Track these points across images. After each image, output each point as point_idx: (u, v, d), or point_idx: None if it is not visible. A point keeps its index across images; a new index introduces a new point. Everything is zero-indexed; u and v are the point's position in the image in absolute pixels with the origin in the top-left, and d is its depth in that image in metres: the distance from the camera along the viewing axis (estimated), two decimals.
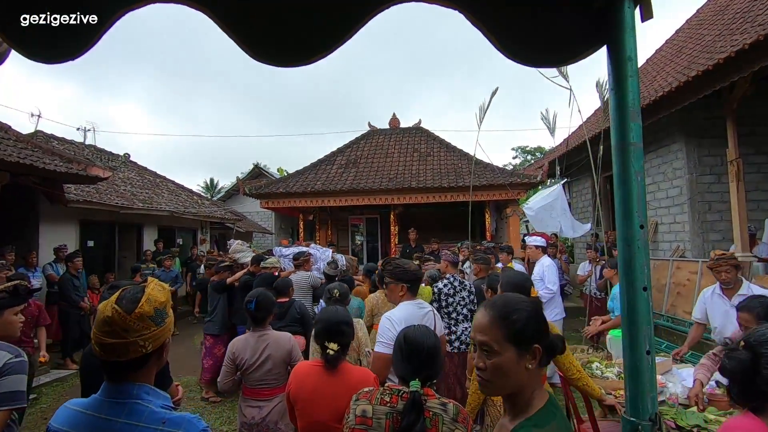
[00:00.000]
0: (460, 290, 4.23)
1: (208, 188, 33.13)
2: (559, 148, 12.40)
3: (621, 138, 0.74)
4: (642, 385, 0.67)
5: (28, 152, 5.99)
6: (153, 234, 10.95)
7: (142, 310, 1.06)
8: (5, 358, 1.70)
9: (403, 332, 1.66)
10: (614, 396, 2.56)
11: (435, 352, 1.61)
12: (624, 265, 0.72)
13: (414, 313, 2.51)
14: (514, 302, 1.04)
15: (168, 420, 1.06)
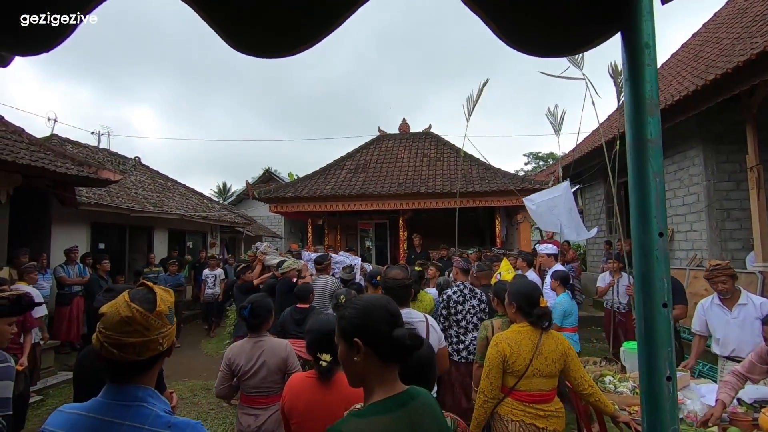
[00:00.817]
0: (470, 298, 4.11)
1: (220, 192, 33.43)
2: (571, 153, 12.22)
3: (637, 134, 0.65)
4: (662, 417, 0.58)
5: (41, 155, 6.06)
6: (163, 237, 11.03)
7: (161, 309, 1.11)
8: None
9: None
10: (628, 412, 2.44)
11: (428, 363, 1.52)
12: (641, 278, 0.63)
13: None
14: (352, 300, 1.15)
15: (173, 424, 1.07)
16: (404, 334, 1.06)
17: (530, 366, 2.21)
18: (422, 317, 2.58)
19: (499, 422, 2.28)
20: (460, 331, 4.06)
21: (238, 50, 0.78)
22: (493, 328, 3.22)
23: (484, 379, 2.29)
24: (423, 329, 2.51)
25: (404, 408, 1.03)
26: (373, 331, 1.06)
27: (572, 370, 2.27)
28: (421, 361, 1.51)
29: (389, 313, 1.10)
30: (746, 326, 3.12)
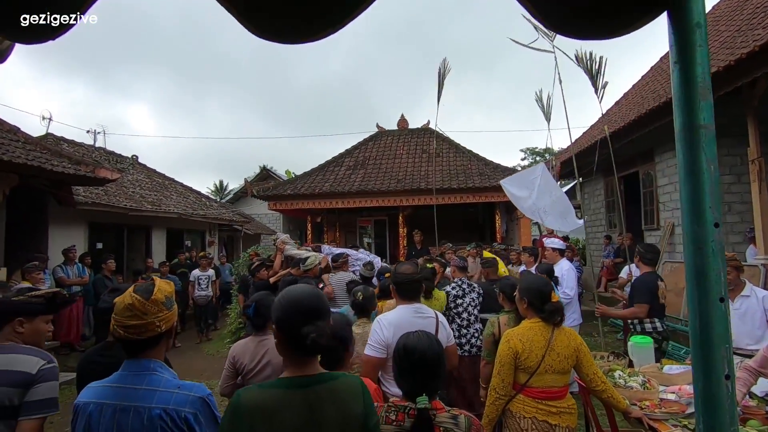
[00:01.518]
0: (469, 292, 4.16)
1: (217, 190, 33.28)
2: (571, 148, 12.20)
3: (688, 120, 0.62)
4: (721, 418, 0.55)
5: (37, 154, 5.98)
6: (162, 236, 10.96)
7: (156, 297, 1.35)
8: (39, 364, 1.68)
9: (402, 342, 1.54)
10: (639, 407, 2.42)
11: (439, 361, 1.49)
12: (694, 271, 0.59)
13: (407, 318, 2.39)
14: (283, 291, 1.31)
15: (181, 385, 1.34)
16: (309, 333, 1.14)
17: (542, 362, 2.18)
18: (432, 314, 2.54)
19: (511, 419, 2.25)
20: (463, 324, 4.07)
21: (260, 36, 0.74)
22: (499, 325, 3.19)
23: (495, 376, 2.26)
24: (432, 326, 2.47)
25: (304, 389, 1.16)
26: (283, 323, 1.21)
27: (585, 366, 2.24)
28: (433, 360, 1.47)
29: (303, 309, 1.20)
30: (747, 318, 3.11)
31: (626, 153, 9.27)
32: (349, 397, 1.20)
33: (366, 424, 1.21)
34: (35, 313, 1.81)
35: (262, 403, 1.13)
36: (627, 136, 8.27)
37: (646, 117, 7.22)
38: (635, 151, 9.04)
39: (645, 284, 3.76)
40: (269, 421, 1.11)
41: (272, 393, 1.16)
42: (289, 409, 1.13)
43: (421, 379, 1.44)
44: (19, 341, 1.76)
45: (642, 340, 3.21)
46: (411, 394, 1.43)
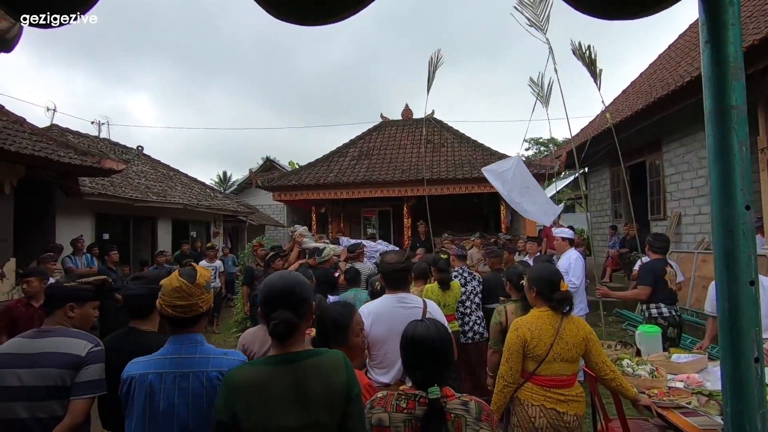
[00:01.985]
0: (470, 281, 4.21)
1: (221, 182, 33.32)
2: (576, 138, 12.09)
3: (719, 101, 0.60)
4: (749, 401, 0.55)
5: (44, 145, 5.99)
6: (167, 227, 11.01)
7: (199, 282, 1.55)
8: (88, 347, 1.76)
9: (410, 333, 1.51)
10: (648, 395, 2.42)
11: (448, 349, 1.49)
12: (724, 255, 0.59)
13: (388, 308, 2.37)
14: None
15: (227, 352, 1.59)
16: (274, 318, 1.29)
17: (551, 351, 2.18)
18: (419, 303, 2.48)
19: (519, 407, 2.26)
20: (466, 311, 4.11)
21: (278, 17, 0.73)
22: (506, 313, 3.20)
23: (503, 364, 2.27)
24: (417, 315, 2.35)
25: (290, 365, 1.29)
26: (262, 308, 1.38)
27: (593, 355, 2.25)
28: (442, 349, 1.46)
29: (272, 295, 1.36)
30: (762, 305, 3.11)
31: (633, 143, 9.18)
32: (332, 371, 1.31)
33: (348, 393, 1.30)
34: (85, 299, 1.90)
35: (253, 379, 1.26)
36: (634, 125, 8.19)
37: (654, 105, 7.14)
38: (642, 140, 8.96)
39: (649, 268, 3.85)
40: (261, 394, 1.23)
41: (261, 369, 1.30)
42: (278, 383, 1.25)
43: (431, 369, 1.43)
44: (69, 325, 1.84)
45: (649, 329, 3.20)
46: (422, 384, 1.43)
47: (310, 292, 1.44)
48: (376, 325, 2.34)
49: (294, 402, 1.25)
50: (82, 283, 1.88)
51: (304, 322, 1.39)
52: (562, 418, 2.16)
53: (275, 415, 1.23)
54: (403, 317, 2.29)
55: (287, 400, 1.25)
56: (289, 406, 1.25)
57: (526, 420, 2.21)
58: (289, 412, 1.24)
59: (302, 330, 1.38)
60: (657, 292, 3.75)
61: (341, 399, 1.29)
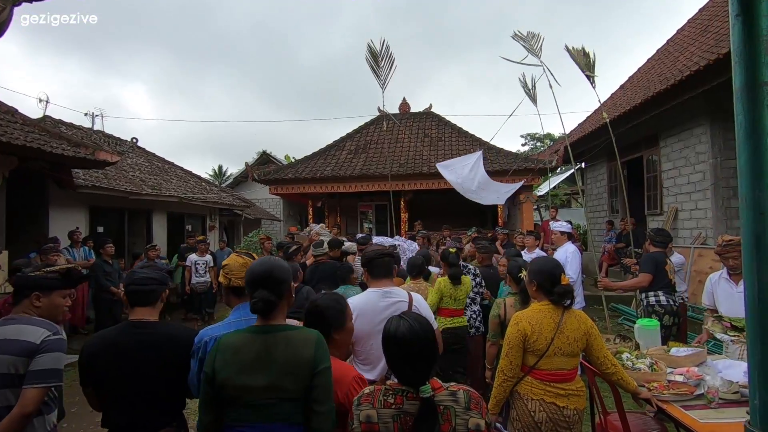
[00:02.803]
0: (466, 274, 4.16)
1: (216, 175, 33.09)
2: (574, 133, 12.07)
3: (750, 77, 0.57)
4: None
5: (36, 136, 5.89)
6: (162, 220, 10.91)
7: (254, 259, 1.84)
8: (43, 335, 1.71)
9: (390, 332, 1.43)
10: (648, 389, 2.41)
11: (433, 346, 1.43)
12: (753, 238, 0.56)
13: (372, 301, 2.29)
14: None
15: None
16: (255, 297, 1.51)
17: (551, 345, 2.17)
18: (404, 297, 2.38)
19: (519, 401, 2.25)
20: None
21: None
22: (505, 306, 3.19)
23: (503, 358, 2.25)
24: (402, 310, 2.27)
25: (264, 334, 1.51)
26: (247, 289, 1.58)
27: (595, 349, 2.23)
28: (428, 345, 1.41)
29: (253, 278, 1.55)
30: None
31: (630, 138, 9.18)
32: (300, 344, 1.50)
33: (314, 367, 1.46)
34: (51, 287, 1.86)
35: (232, 342, 1.51)
36: (631, 120, 8.18)
37: (652, 100, 7.12)
38: (639, 135, 8.96)
39: (651, 257, 3.93)
40: (235, 354, 1.47)
41: (241, 335, 1.53)
42: (249, 347, 1.48)
43: (417, 367, 1.38)
44: (35, 315, 1.80)
45: (648, 323, 3.20)
46: (408, 382, 1.39)
47: (288, 275, 1.62)
48: (360, 321, 2.25)
49: (260, 365, 1.46)
50: (47, 272, 1.85)
51: (283, 301, 1.59)
52: (561, 413, 2.15)
53: (243, 373, 1.45)
54: (388, 312, 2.27)
55: (255, 363, 1.46)
56: (256, 369, 1.46)
57: (525, 414, 2.19)
58: (255, 373, 1.45)
59: (281, 307, 1.58)
60: (657, 281, 3.83)
61: (306, 370, 1.46)
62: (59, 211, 7.79)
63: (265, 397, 1.43)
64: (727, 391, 2.30)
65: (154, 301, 1.85)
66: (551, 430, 2.16)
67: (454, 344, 3.83)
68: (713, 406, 2.26)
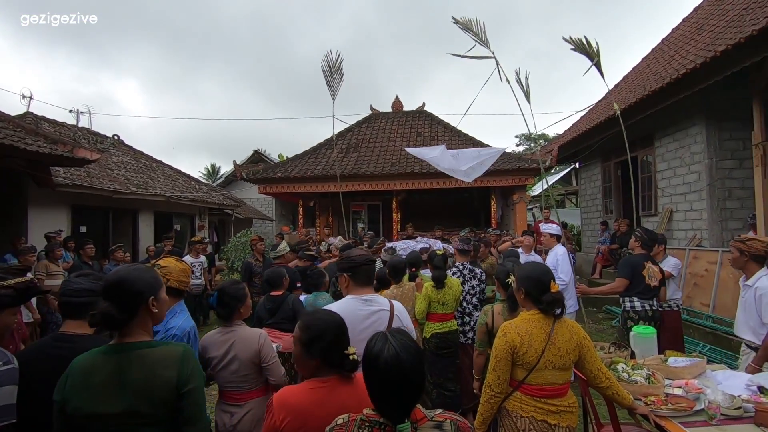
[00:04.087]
0: (470, 279, 3.99)
1: (209, 174, 32.75)
2: (568, 132, 11.97)
3: None
4: None
5: (10, 132, 5.64)
6: (149, 220, 10.66)
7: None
8: None
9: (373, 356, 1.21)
10: (645, 403, 2.26)
11: (423, 374, 1.22)
12: None
13: (352, 310, 2.02)
14: None
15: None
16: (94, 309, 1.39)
17: (542, 357, 2.00)
18: (386, 305, 2.15)
19: (507, 418, 2.08)
20: (465, 311, 3.92)
21: None
22: (493, 314, 3.03)
23: (490, 372, 2.08)
24: (385, 319, 2.09)
25: (118, 354, 1.36)
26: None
27: (588, 362, 2.07)
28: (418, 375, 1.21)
29: (102, 287, 1.44)
30: (747, 307, 2.95)
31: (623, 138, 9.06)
32: (158, 363, 1.35)
33: (179, 388, 1.33)
34: (2, 306, 1.57)
35: (83, 365, 1.35)
36: (626, 120, 8.05)
37: (647, 99, 7.00)
38: (634, 135, 8.84)
39: (628, 261, 3.92)
40: (86, 378, 1.33)
41: (94, 356, 1.37)
42: (100, 370, 1.33)
43: (403, 401, 1.19)
44: None
45: (644, 330, 3.05)
46: (389, 415, 1.19)
47: (147, 288, 1.43)
48: None
49: (113, 389, 1.31)
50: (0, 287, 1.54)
51: (138, 317, 1.41)
52: (553, 430, 1.99)
53: (93, 400, 1.30)
54: (369, 321, 2.07)
55: (106, 387, 1.31)
56: (108, 393, 1.31)
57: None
58: (107, 399, 1.30)
59: (139, 323, 1.41)
60: (633, 286, 3.78)
61: (166, 392, 1.32)
62: (38, 211, 7.54)
63: (121, 425, 1.30)
64: (729, 406, 2.14)
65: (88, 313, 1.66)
66: None
67: (444, 349, 3.67)
68: (715, 423, 2.11)
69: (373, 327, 2.02)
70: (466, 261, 4.12)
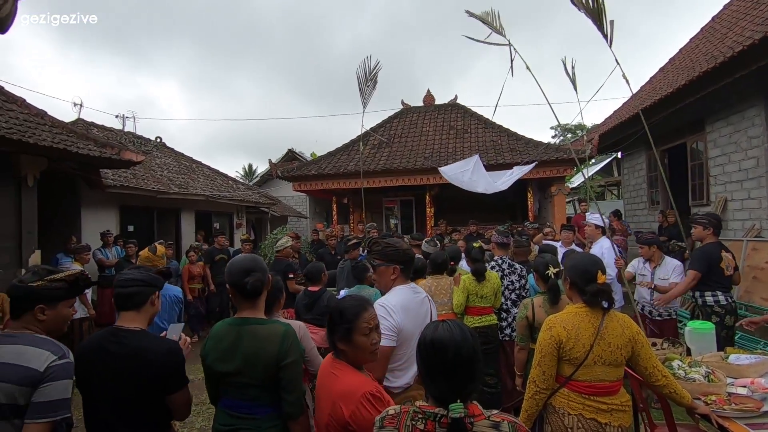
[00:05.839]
0: (509, 274, 3.87)
1: (246, 174, 33.67)
2: (609, 121, 11.42)
3: None
4: None
5: (63, 137, 6.00)
6: (191, 219, 11.08)
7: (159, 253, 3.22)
8: (48, 360, 1.48)
9: (429, 336, 1.24)
10: (705, 403, 2.11)
11: (476, 357, 1.20)
12: None
13: (411, 298, 2.14)
14: None
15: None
16: (245, 282, 1.74)
17: (590, 353, 1.90)
18: (425, 292, 2.30)
19: (554, 415, 1.99)
20: (502, 307, 3.81)
21: None
22: (533, 307, 2.92)
23: (535, 368, 2.00)
24: (428, 305, 2.25)
25: (238, 326, 1.73)
26: (227, 278, 1.81)
27: (642, 358, 1.94)
28: (471, 356, 1.19)
29: (234, 269, 1.78)
30: None
31: (672, 124, 8.55)
32: (264, 338, 1.68)
33: (278, 362, 1.64)
34: (58, 298, 1.63)
35: (217, 332, 1.77)
36: (674, 104, 7.58)
37: (698, 81, 6.55)
38: (682, 121, 8.33)
39: (705, 253, 3.56)
40: (217, 342, 1.73)
41: (225, 326, 1.77)
42: (226, 337, 1.72)
43: (456, 381, 1.16)
44: (39, 330, 1.58)
45: (702, 325, 2.85)
46: (442, 399, 1.16)
47: (266, 270, 1.82)
48: (407, 320, 2.07)
49: (230, 354, 1.68)
50: (52, 281, 1.60)
51: (261, 295, 1.79)
52: (604, 430, 1.88)
53: (219, 360, 1.69)
54: (423, 309, 2.21)
55: (227, 352, 1.69)
56: (227, 357, 1.68)
57: (561, 430, 1.94)
58: (227, 361, 1.68)
59: (258, 301, 1.78)
60: (712, 279, 3.47)
61: (269, 363, 1.64)
62: (91, 211, 7.99)
63: (236, 380, 1.66)
64: None
65: (138, 304, 1.72)
66: None
67: (484, 344, 3.60)
68: None
69: (425, 311, 2.20)
70: (505, 255, 4.00)
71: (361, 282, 3.51)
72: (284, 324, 1.77)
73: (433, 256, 3.81)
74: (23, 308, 1.58)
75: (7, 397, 1.43)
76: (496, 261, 3.93)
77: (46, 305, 1.59)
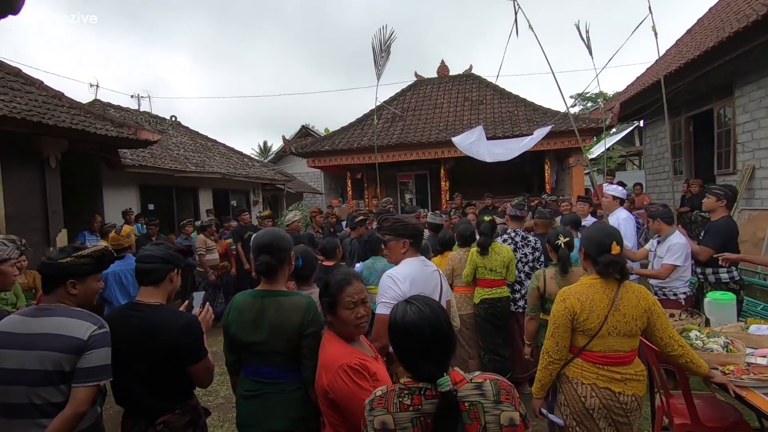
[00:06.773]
0: (522, 246, 3.85)
1: (261, 151, 33.79)
2: (630, 88, 10.98)
3: None
4: None
5: (81, 118, 6.09)
6: (208, 196, 11.26)
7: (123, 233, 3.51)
8: (90, 329, 1.61)
9: (400, 319, 1.21)
10: (722, 372, 2.09)
11: (451, 330, 1.21)
12: None
13: (420, 270, 2.21)
14: None
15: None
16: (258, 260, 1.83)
17: (605, 324, 1.89)
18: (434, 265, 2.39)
19: (567, 384, 2.01)
20: (516, 279, 3.81)
21: None
22: (545, 278, 2.91)
23: (549, 339, 2.01)
24: (437, 278, 2.30)
25: (261, 298, 1.82)
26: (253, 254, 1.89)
27: (658, 329, 1.93)
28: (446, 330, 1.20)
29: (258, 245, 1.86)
30: None
31: (698, 90, 8.18)
32: (288, 309, 1.77)
33: (301, 331, 1.74)
34: (86, 273, 1.73)
35: (239, 303, 1.85)
36: (701, 68, 7.23)
37: (728, 42, 6.21)
38: (709, 86, 7.95)
39: (726, 229, 3.38)
40: (240, 314, 1.82)
41: (247, 298, 1.86)
42: (250, 309, 1.81)
43: (438, 358, 1.16)
44: (71, 303, 1.70)
45: (722, 296, 2.80)
46: (424, 378, 1.17)
47: (289, 244, 1.90)
48: (414, 291, 2.10)
49: (255, 325, 1.77)
50: (80, 257, 1.70)
51: (283, 267, 1.87)
52: (617, 399, 1.90)
53: (244, 330, 1.79)
54: (433, 280, 2.26)
55: (252, 323, 1.78)
56: (252, 327, 1.77)
57: (575, 399, 1.96)
58: (252, 331, 1.77)
59: (280, 273, 1.86)
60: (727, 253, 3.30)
61: (293, 333, 1.74)
62: (112, 190, 8.18)
63: (261, 349, 1.76)
64: None
65: (157, 280, 1.78)
66: (605, 417, 1.92)
67: (495, 316, 3.64)
68: None
69: (434, 284, 2.24)
70: (519, 228, 3.97)
71: (375, 254, 3.54)
72: (306, 296, 1.84)
73: (459, 230, 3.98)
74: (55, 284, 1.69)
75: (53, 365, 1.54)
76: (509, 234, 3.90)
77: (76, 280, 1.70)
